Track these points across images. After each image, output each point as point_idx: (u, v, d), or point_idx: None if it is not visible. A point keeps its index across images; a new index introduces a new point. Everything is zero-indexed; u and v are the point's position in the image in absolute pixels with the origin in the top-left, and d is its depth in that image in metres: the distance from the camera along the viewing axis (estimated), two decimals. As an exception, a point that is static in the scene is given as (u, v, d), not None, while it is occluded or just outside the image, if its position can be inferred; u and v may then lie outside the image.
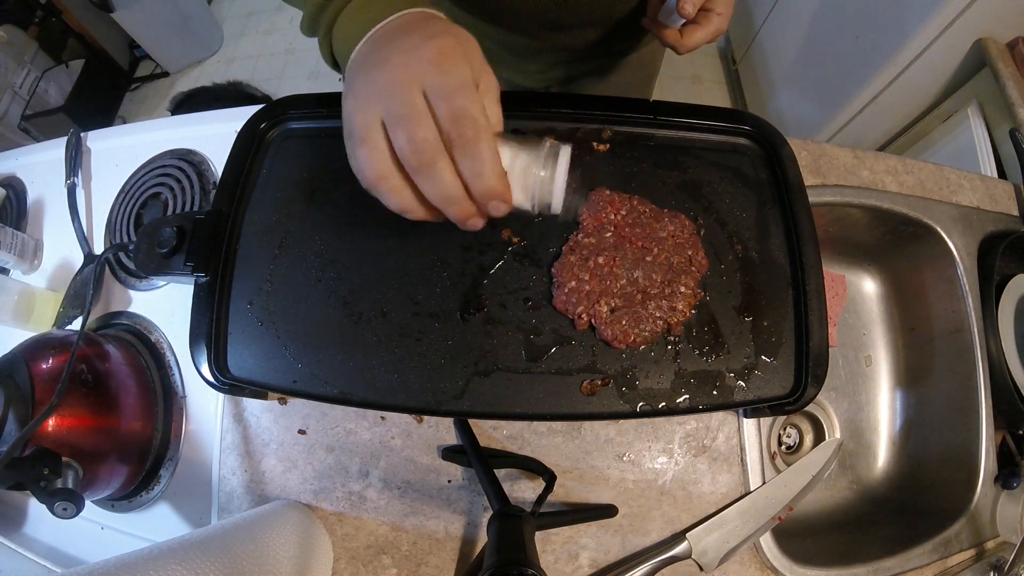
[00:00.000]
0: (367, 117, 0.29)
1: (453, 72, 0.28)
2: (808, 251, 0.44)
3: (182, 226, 0.44)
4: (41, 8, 1.97)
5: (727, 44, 1.95)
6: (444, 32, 0.30)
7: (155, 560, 0.34)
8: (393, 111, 0.28)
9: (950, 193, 0.65)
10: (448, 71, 0.28)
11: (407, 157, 0.28)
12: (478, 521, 0.51)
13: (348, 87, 0.31)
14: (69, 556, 0.56)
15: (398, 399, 0.41)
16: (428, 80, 0.28)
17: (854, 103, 1.26)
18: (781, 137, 0.48)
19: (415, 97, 0.28)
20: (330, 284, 0.43)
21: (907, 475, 0.66)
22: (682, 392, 0.41)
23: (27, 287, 0.61)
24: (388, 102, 0.28)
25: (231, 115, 0.65)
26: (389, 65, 0.29)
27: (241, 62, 2.24)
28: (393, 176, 0.30)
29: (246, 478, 0.52)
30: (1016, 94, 0.94)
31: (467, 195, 0.30)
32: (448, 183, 0.29)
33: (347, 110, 0.30)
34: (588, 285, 0.42)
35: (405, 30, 0.31)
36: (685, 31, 0.48)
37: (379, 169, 0.29)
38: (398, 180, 0.30)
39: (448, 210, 0.30)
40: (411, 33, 0.30)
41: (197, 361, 0.42)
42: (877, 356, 0.72)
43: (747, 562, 0.51)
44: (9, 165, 0.75)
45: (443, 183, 0.29)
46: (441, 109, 0.28)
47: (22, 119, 1.92)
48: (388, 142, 0.29)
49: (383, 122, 0.29)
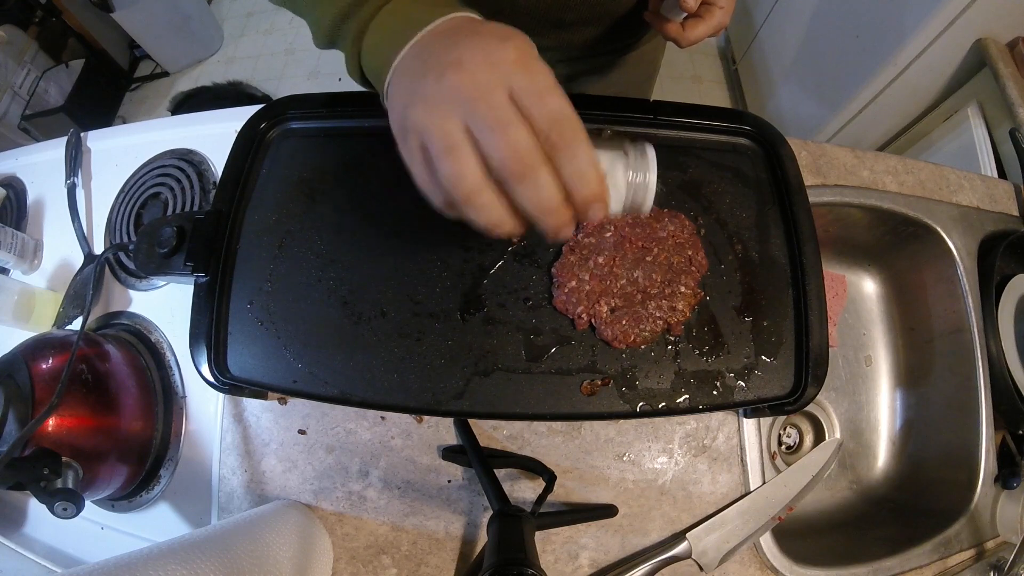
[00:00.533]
0: (449, 124, 0.26)
1: (541, 72, 0.27)
2: (808, 251, 0.44)
3: (182, 226, 0.44)
4: (41, 8, 1.97)
5: (727, 44, 1.95)
6: (513, 32, 0.28)
7: (155, 560, 0.34)
8: (483, 116, 0.26)
9: (950, 193, 0.65)
10: (536, 71, 0.27)
11: (507, 166, 0.26)
12: (478, 521, 0.51)
13: (410, 93, 0.28)
14: (69, 556, 0.56)
15: (398, 399, 0.41)
16: (516, 81, 0.26)
17: (854, 103, 1.26)
18: (781, 137, 0.48)
19: (505, 100, 0.26)
20: (330, 284, 0.43)
21: (907, 475, 0.66)
22: (682, 392, 0.41)
23: (27, 287, 0.61)
24: (475, 107, 0.26)
25: (231, 115, 0.65)
26: (467, 67, 0.26)
27: (241, 62, 2.23)
28: (486, 189, 0.27)
29: (246, 478, 0.52)
30: (1016, 94, 0.94)
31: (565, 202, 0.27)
32: (551, 191, 0.27)
33: (415, 118, 0.27)
34: (588, 285, 0.42)
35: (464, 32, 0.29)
36: (687, 24, 0.48)
37: (473, 182, 0.27)
38: (491, 193, 0.27)
39: (546, 220, 0.28)
40: (475, 35, 0.28)
41: (197, 361, 0.42)
42: (877, 356, 0.72)
43: (747, 562, 0.51)
44: (9, 165, 0.75)
45: (545, 191, 0.26)
46: (536, 112, 0.26)
47: (22, 119, 1.92)
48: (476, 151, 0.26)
49: (467, 129, 0.26)
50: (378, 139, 0.47)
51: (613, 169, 0.31)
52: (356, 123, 0.48)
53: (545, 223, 0.28)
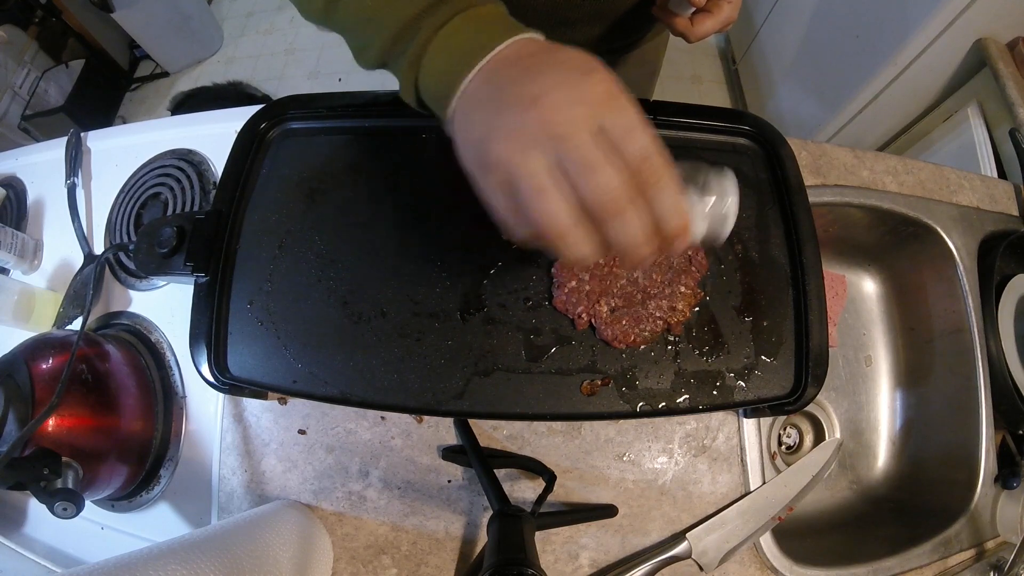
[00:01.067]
0: (535, 164, 0.26)
1: (628, 109, 0.26)
2: (808, 251, 0.44)
3: (182, 226, 0.44)
4: (41, 8, 1.97)
5: (727, 44, 1.95)
6: (595, 64, 0.27)
7: (155, 560, 0.34)
8: (573, 157, 0.25)
9: (950, 193, 0.65)
10: (624, 108, 0.26)
11: (599, 206, 0.26)
12: (478, 521, 0.51)
13: (488, 127, 0.28)
14: (69, 556, 0.56)
15: (398, 399, 0.41)
16: (606, 119, 0.26)
17: (854, 103, 1.26)
18: (781, 137, 0.48)
19: (595, 139, 0.26)
20: (330, 284, 0.43)
21: (907, 475, 0.66)
22: (682, 392, 0.41)
23: (27, 287, 0.61)
24: (563, 147, 0.25)
25: (231, 115, 0.65)
26: (553, 103, 0.26)
27: (241, 62, 2.23)
28: (579, 227, 0.27)
29: (246, 478, 0.52)
30: (1016, 94, 0.94)
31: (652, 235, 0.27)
32: (640, 229, 0.27)
33: (499, 154, 0.27)
34: (588, 285, 0.42)
35: (541, 61, 0.28)
36: (695, 19, 0.47)
37: (566, 222, 0.26)
38: (583, 231, 0.27)
39: (635, 253, 0.28)
40: (556, 65, 0.27)
41: (197, 361, 0.42)
42: (877, 356, 0.72)
43: (747, 562, 0.51)
44: (9, 165, 0.75)
45: (635, 230, 0.27)
46: (626, 150, 0.26)
47: (22, 119, 1.92)
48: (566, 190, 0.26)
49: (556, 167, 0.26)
50: (378, 139, 0.47)
51: (695, 199, 0.31)
52: (356, 123, 0.48)
53: (634, 256, 0.28)
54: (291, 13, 2.27)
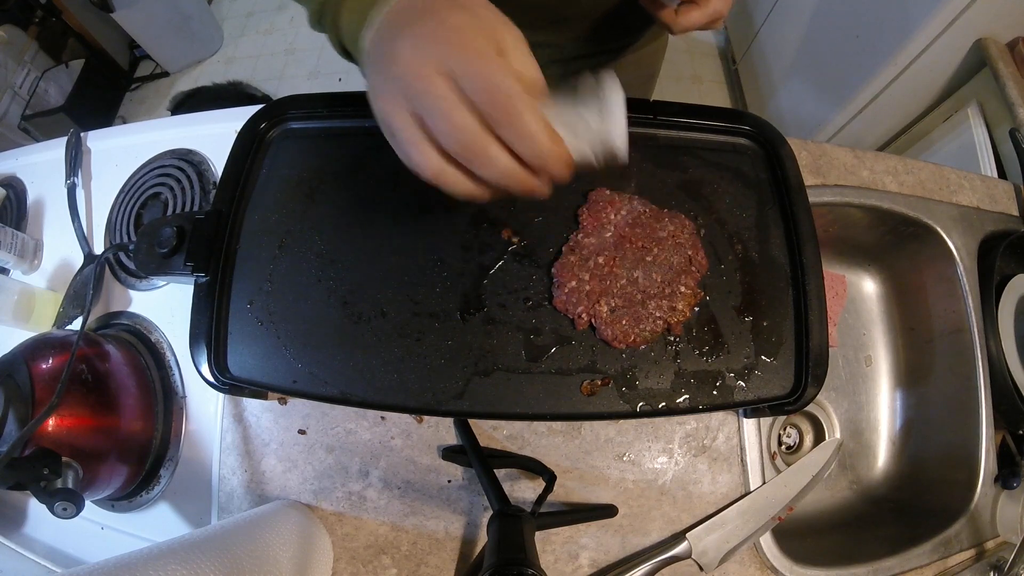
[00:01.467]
0: (401, 117, 0.28)
1: (470, 46, 0.27)
2: (808, 251, 0.44)
3: (182, 226, 0.44)
4: (41, 8, 1.97)
5: (727, 44, 1.95)
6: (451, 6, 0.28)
7: (155, 560, 0.34)
8: (423, 105, 0.27)
9: (950, 193, 0.65)
10: (466, 46, 0.27)
11: (454, 150, 0.27)
12: (478, 521, 0.51)
13: (371, 86, 0.30)
14: (69, 556, 0.56)
15: (398, 399, 0.41)
16: (449, 63, 0.26)
17: (854, 103, 1.26)
18: (781, 137, 0.48)
19: (439, 85, 0.26)
20: (330, 284, 0.43)
21: (907, 475, 0.66)
22: (682, 392, 0.41)
23: (27, 287, 0.61)
24: (414, 97, 0.27)
25: (231, 115, 0.65)
26: (403, 57, 0.27)
27: (241, 62, 2.24)
28: (449, 168, 0.28)
29: (246, 478, 0.52)
30: (1016, 94, 0.94)
31: (524, 168, 0.28)
32: (502, 165, 0.27)
33: (378, 112, 0.29)
34: (588, 285, 0.42)
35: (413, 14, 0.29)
36: (681, 11, 0.46)
37: (435, 166, 0.28)
38: (455, 172, 0.29)
39: (510, 188, 0.29)
40: (419, 19, 0.28)
41: (197, 361, 0.42)
42: (877, 356, 0.72)
43: (747, 562, 0.51)
44: (9, 165, 0.75)
45: (497, 166, 0.27)
46: (471, 90, 0.26)
47: (22, 119, 1.92)
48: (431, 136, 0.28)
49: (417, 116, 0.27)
50: (378, 139, 0.47)
51: (579, 117, 0.31)
52: (356, 123, 0.48)
53: (512, 190, 0.29)
54: (291, 13, 2.27)
